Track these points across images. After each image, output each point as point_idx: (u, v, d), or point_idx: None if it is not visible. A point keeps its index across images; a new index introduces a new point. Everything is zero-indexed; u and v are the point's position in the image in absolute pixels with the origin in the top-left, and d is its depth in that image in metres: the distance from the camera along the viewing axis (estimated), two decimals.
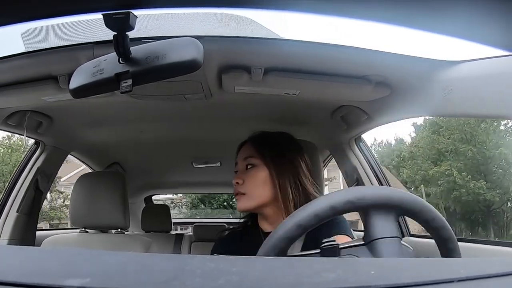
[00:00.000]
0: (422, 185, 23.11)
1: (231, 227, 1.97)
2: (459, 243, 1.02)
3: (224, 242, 1.85)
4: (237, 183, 1.73)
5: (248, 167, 1.76)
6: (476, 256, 1.97)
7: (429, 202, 0.99)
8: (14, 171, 2.91)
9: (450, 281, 0.52)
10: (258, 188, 1.72)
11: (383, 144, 33.70)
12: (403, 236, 2.71)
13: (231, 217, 8.19)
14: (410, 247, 0.99)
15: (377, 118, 2.31)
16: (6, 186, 2.92)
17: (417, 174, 23.67)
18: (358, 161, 2.74)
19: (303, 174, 1.75)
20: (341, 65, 1.85)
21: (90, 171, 3.73)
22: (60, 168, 3.14)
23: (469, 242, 2.09)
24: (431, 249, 1.03)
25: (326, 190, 2.22)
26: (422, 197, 3.20)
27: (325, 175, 3.15)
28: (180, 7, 0.72)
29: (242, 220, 1.91)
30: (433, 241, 1.02)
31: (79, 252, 0.78)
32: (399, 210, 0.96)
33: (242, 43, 1.76)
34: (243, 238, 1.80)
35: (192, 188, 5.91)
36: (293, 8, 0.68)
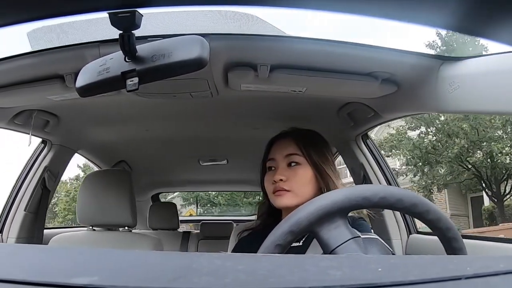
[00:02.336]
0: None
1: (251, 226, 1.94)
2: (464, 240, 1.01)
3: (246, 241, 1.84)
4: (281, 179, 1.71)
5: (292, 164, 1.75)
6: (482, 253, 1.97)
7: None
8: (22, 170, 2.92)
9: (458, 279, 0.52)
10: (304, 186, 1.71)
11: None
12: (410, 233, 2.71)
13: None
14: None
15: (384, 114, 2.31)
16: (14, 185, 2.93)
17: None
18: (365, 158, 2.74)
19: (336, 172, 1.78)
20: (347, 62, 1.85)
21: (97, 169, 3.75)
22: None
23: (474, 239, 2.09)
24: (439, 246, 1.03)
25: None
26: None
27: None
28: (185, 5, 0.71)
29: (257, 219, 1.91)
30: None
31: (86, 250, 0.78)
32: (404, 210, 0.97)
33: (248, 41, 1.76)
34: (265, 237, 1.81)
35: (199, 186, 5.91)
36: (298, 5, 0.68)
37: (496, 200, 20.65)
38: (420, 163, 20.79)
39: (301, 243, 1.67)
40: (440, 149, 20.28)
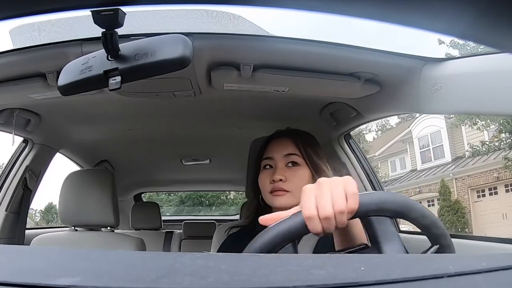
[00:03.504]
0: None
1: (239, 224, 1.93)
2: (454, 240, 1.02)
3: (236, 238, 1.83)
4: (280, 179, 1.69)
5: (290, 164, 1.74)
6: (468, 252, 1.99)
7: None
8: (3, 169, 2.89)
9: (440, 277, 0.52)
10: (301, 186, 1.70)
11: None
12: None
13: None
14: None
15: (366, 114, 2.32)
16: None
17: None
18: (348, 158, 2.75)
19: (330, 172, 1.78)
20: (330, 62, 1.86)
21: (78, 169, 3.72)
22: None
23: (460, 238, 2.10)
24: (422, 245, 1.03)
25: None
26: None
27: None
28: (169, 3, 0.71)
29: (245, 218, 1.90)
30: (423, 237, 1.02)
31: (68, 250, 0.78)
32: (392, 213, 0.97)
33: (232, 40, 1.76)
34: (254, 234, 1.79)
35: (182, 186, 5.90)
36: (282, 5, 0.68)
37: None
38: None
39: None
40: None
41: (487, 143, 19.81)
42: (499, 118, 16.84)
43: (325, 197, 0.94)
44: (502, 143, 19.33)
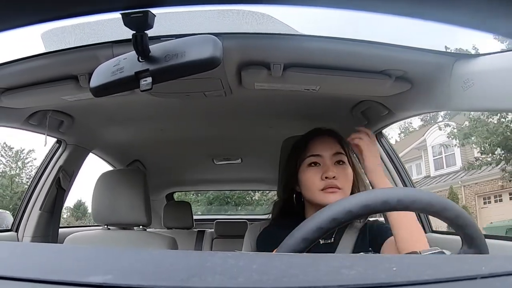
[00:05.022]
0: None
1: (271, 219, 1.94)
2: (487, 240, 1.00)
3: (271, 231, 1.83)
4: (333, 177, 1.70)
5: (339, 163, 1.76)
6: (499, 253, 1.95)
7: None
8: (37, 169, 2.95)
9: (473, 278, 0.51)
10: (350, 185, 1.74)
11: None
12: (425, 232, 2.69)
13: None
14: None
15: (397, 112, 2.29)
16: (29, 184, 2.96)
17: None
18: (380, 157, 2.73)
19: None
20: (360, 60, 1.84)
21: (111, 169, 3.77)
22: None
23: (492, 238, 2.06)
24: (454, 246, 1.02)
25: None
26: None
27: None
28: (197, 4, 0.71)
29: (276, 216, 1.90)
30: (456, 237, 1.01)
31: (101, 249, 0.79)
32: (425, 211, 0.96)
33: (261, 39, 1.76)
34: (289, 227, 1.79)
35: (213, 185, 5.92)
36: (311, 3, 0.68)
37: None
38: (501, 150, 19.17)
39: (331, 240, 1.67)
40: None
41: (480, 158, 20.47)
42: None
43: None
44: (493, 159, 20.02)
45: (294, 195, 1.83)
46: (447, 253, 1.00)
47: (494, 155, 19.55)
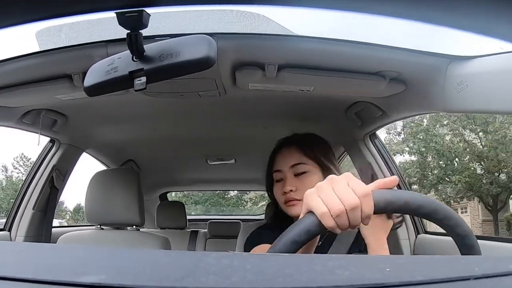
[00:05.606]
0: None
1: (263, 223, 1.95)
2: (479, 241, 1.00)
3: (262, 233, 1.83)
4: (291, 190, 1.70)
5: (298, 174, 1.74)
6: (492, 253, 1.96)
7: None
8: (30, 169, 2.94)
9: (466, 279, 0.51)
10: None
11: None
12: (418, 233, 2.70)
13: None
14: None
15: (392, 114, 2.30)
16: (22, 184, 2.95)
17: None
18: (373, 158, 2.74)
19: (340, 172, 1.76)
20: (355, 61, 1.85)
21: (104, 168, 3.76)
22: None
23: (488, 240, 2.07)
24: (447, 247, 1.02)
25: None
26: None
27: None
28: (192, 4, 0.71)
29: (268, 219, 1.91)
30: (449, 238, 1.01)
31: (94, 249, 0.79)
32: (415, 212, 0.96)
33: (256, 40, 1.76)
34: (278, 230, 1.78)
35: (207, 185, 5.93)
36: (306, 4, 0.68)
37: None
38: None
39: (320, 243, 1.66)
40: None
41: None
42: None
43: (329, 194, 0.94)
44: None
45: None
46: None
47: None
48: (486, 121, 22.30)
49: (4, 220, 2.88)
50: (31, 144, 2.54)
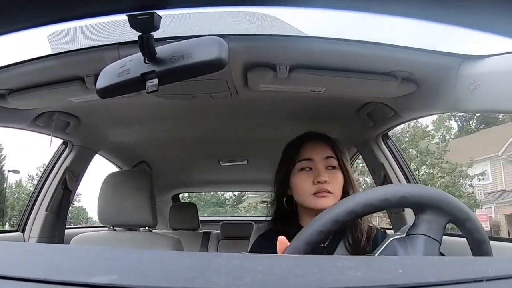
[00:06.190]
0: None
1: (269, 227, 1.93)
2: (491, 242, 1.00)
3: (266, 237, 1.82)
4: (325, 181, 1.68)
5: (330, 167, 1.73)
6: (504, 255, 1.94)
7: None
8: (43, 171, 2.96)
9: (479, 280, 0.51)
10: (340, 189, 1.71)
11: None
12: None
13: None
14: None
15: (404, 114, 2.29)
16: (35, 186, 2.97)
17: None
18: (386, 158, 2.72)
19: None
20: (366, 62, 1.84)
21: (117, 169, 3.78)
22: None
23: (501, 241, 2.05)
24: (458, 247, 1.02)
25: None
26: None
27: None
28: (203, 6, 0.72)
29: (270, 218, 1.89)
30: (461, 239, 1.01)
31: (107, 250, 0.79)
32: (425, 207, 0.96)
33: (267, 41, 1.76)
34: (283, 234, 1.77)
35: (219, 187, 5.94)
36: (317, 5, 0.68)
37: None
38: None
39: (325, 245, 1.65)
40: None
41: None
42: None
43: None
44: None
45: (285, 199, 1.81)
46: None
47: None
48: None
49: None
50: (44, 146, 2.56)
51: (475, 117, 35.81)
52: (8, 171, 25.54)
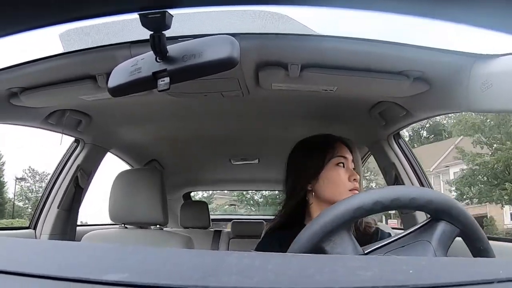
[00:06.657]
0: None
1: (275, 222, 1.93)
2: (493, 242, 0.99)
3: (274, 236, 1.82)
4: (355, 179, 1.73)
5: (353, 168, 1.77)
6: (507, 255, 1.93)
7: None
8: (55, 168, 2.97)
9: (490, 282, 0.51)
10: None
11: None
12: None
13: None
14: None
15: (415, 113, 2.28)
16: (47, 183, 2.99)
17: None
18: (397, 158, 2.71)
19: None
20: (378, 61, 1.83)
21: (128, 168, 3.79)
22: None
23: (504, 241, 2.04)
24: (459, 247, 1.01)
25: None
26: None
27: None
28: (215, 5, 0.72)
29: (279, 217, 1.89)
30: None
31: (118, 247, 0.79)
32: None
33: (278, 40, 1.76)
34: (290, 232, 1.77)
35: (230, 185, 5.93)
36: (328, 4, 0.68)
37: None
38: None
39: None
40: None
41: None
42: None
43: None
44: None
45: (304, 194, 1.81)
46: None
47: None
48: None
49: None
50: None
51: (425, 126, 36.14)
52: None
